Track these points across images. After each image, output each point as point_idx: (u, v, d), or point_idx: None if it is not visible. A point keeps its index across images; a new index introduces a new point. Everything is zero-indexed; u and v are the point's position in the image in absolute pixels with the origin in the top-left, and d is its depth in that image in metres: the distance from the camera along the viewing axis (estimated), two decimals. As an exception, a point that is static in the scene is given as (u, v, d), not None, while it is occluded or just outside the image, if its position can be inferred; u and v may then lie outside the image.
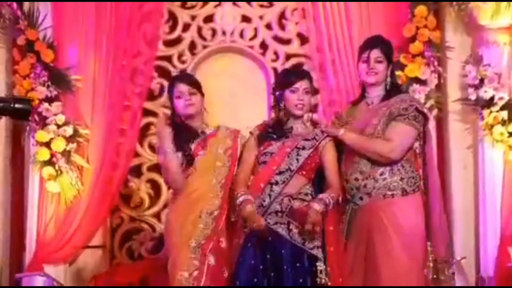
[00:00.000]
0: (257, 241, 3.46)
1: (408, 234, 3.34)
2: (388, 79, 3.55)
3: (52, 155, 4.85)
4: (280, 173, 3.51)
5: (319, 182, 3.63)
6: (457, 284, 4.38)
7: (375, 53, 3.47)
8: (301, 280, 3.37)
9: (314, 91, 4.68)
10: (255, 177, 3.63)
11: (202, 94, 3.64)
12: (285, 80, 3.68)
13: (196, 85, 3.65)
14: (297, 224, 3.43)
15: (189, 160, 3.63)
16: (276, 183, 3.50)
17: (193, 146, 3.63)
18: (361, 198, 3.43)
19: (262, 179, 3.54)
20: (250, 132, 3.72)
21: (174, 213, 3.72)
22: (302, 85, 3.59)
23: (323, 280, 3.35)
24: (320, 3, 5.11)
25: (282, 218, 3.46)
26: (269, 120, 3.80)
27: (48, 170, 4.85)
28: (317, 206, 3.33)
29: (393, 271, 3.28)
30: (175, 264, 3.64)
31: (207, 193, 3.65)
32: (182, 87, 3.61)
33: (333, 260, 3.46)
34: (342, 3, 5.05)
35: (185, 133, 3.63)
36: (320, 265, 3.38)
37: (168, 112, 4.47)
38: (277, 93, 3.65)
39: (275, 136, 3.61)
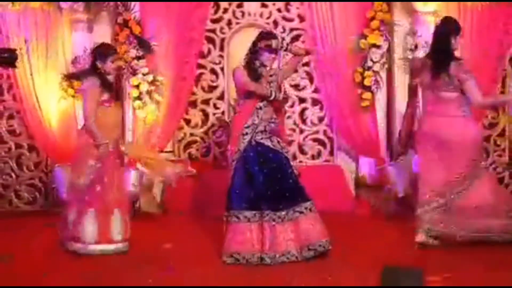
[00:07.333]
0: (252, 153, 4.31)
1: (466, 139, 4.49)
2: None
3: (140, 93, 6.13)
4: (262, 100, 4.40)
5: None
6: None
7: None
8: (286, 166, 4.36)
9: (307, 52, 5.92)
10: (245, 105, 4.42)
11: None
12: (263, 40, 4.37)
13: None
14: (276, 137, 4.39)
15: None
16: (260, 108, 4.40)
17: None
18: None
19: (251, 105, 4.40)
20: (240, 66, 4.40)
21: None
22: (274, 43, 4.34)
23: (296, 170, 4.42)
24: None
25: (266, 134, 4.38)
26: (246, 67, 4.40)
27: (138, 103, 6.14)
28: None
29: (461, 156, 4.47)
30: None
31: None
32: None
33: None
34: (328, -4, 6.11)
35: None
36: (292, 163, 4.48)
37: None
38: (256, 47, 4.37)
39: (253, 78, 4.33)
